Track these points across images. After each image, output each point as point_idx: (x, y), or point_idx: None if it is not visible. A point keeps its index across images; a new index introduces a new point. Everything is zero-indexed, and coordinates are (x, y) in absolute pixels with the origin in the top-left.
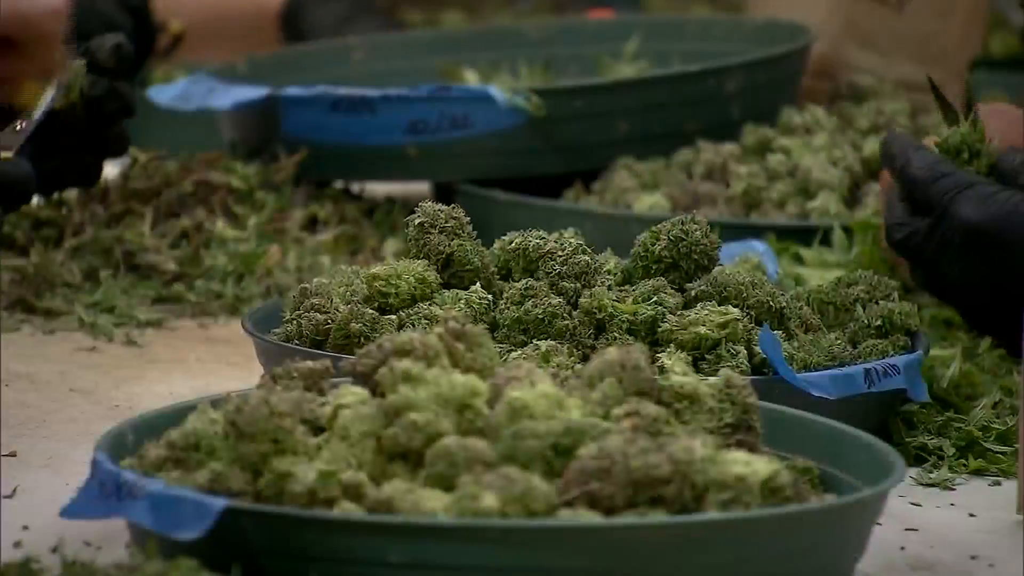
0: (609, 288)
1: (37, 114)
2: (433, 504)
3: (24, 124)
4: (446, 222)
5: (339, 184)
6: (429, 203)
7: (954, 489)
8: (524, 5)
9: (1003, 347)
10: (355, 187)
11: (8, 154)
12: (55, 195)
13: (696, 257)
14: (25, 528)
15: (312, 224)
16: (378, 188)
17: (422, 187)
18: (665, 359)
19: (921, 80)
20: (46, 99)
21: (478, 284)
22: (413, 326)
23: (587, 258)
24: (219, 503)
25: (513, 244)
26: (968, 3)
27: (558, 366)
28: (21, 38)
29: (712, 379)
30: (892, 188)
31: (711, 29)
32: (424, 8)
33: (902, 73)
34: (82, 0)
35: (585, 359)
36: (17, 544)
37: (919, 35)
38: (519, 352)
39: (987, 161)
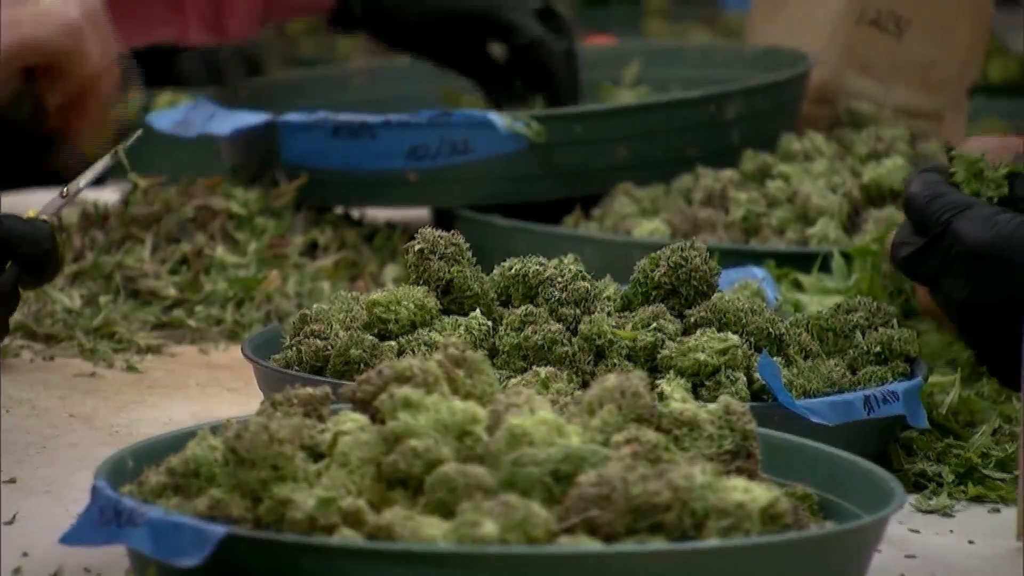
0: (609, 314)
1: (84, 182)
2: (433, 531)
3: (71, 189)
4: (446, 248)
5: (339, 209)
6: (429, 229)
7: (953, 516)
8: None
9: (1000, 378)
10: (355, 212)
11: (47, 217)
12: None
13: (695, 283)
14: (25, 555)
15: (312, 249)
16: (378, 213)
17: (422, 212)
18: (664, 385)
19: (920, 106)
20: (102, 162)
21: (478, 310)
22: (413, 352)
23: (587, 284)
24: (219, 530)
25: (513, 270)
26: (967, 30)
27: (558, 392)
28: (68, 71)
29: (711, 406)
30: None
31: (711, 55)
32: None
33: (901, 99)
34: None
35: (585, 385)
36: (17, 571)
37: (918, 62)
38: (519, 378)
39: (999, 188)
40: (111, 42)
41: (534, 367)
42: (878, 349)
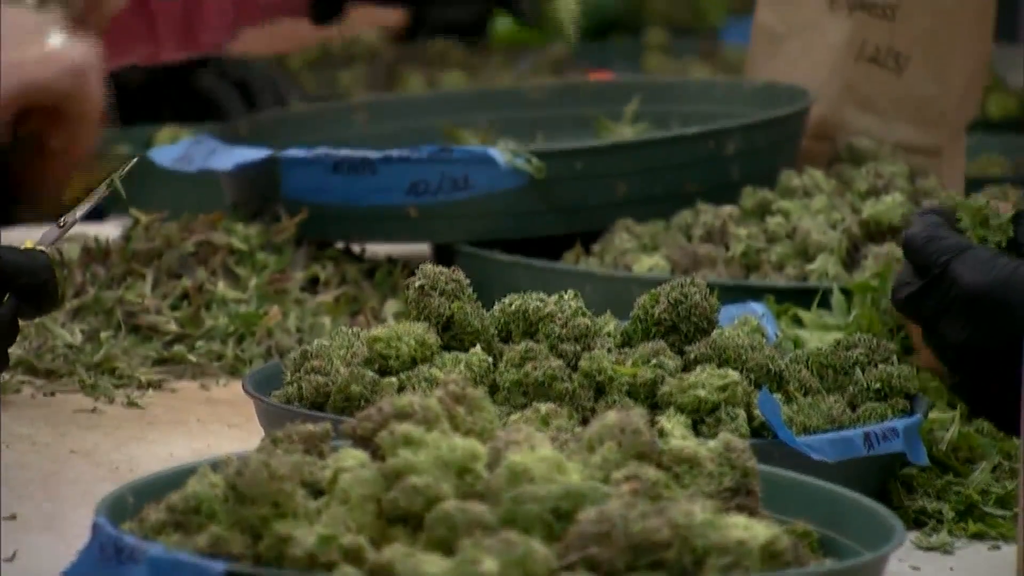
0: (609, 351)
1: (80, 212)
2: (433, 568)
3: (68, 219)
4: (446, 284)
5: (340, 245)
6: (429, 265)
7: (953, 553)
8: (524, 65)
9: (997, 423)
10: (356, 247)
11: (45, 247)
12: None
13: (695, 320)
14: None
15: (313, 284)
16: (379, 248)
17: (423, 248)
18: (665, 422)
19: (919, 142)
20: (95, 195)
21: (478, 346)
22: (413, 388)
23: (587, 320)
24: (219, 567)
25: (513, 306)
26: (967, 67)
27: (558, 429)
28: (70, 113)
29: (712, 442)
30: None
31: (711, 91)
32: (425, 69)
33: (901, 135)
34: None
35: (585, 422)
36: None
37: (918, 98)
38: (519, 415)
39: (1004, 232)
40: (104, 85)
41: (534, 403)
42: (878, 386)
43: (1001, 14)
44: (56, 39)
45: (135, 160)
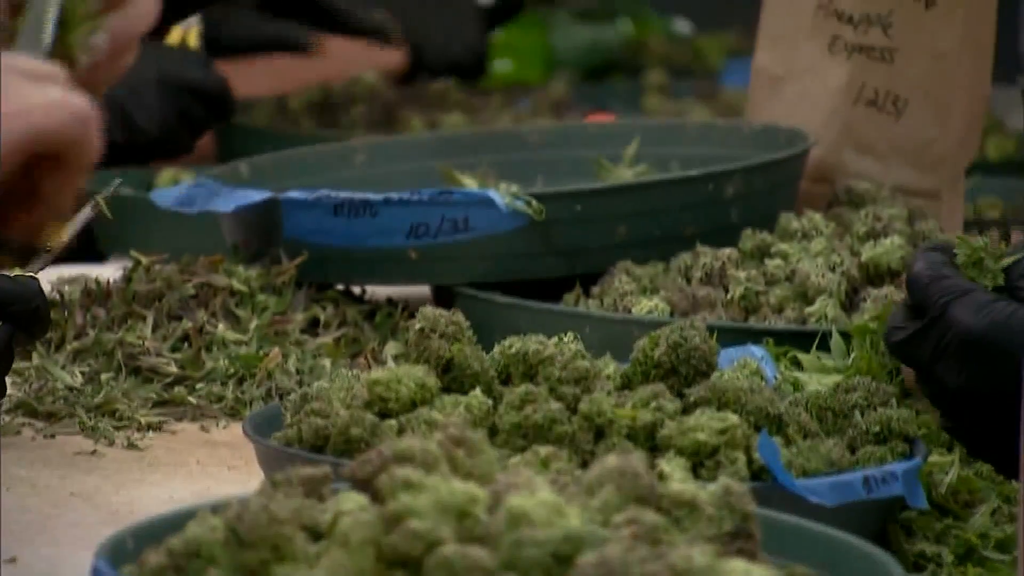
0: (608, 393)
1: (66, 236)
2: None
3: (54, 245)
4: (446, 327)
5: (340, 286)
6: (429, 308)
7: None
8: (524, 107)
9: (996, 466)
10: (356, 289)
11: (34, 274)
12: None
13: (695, 363)
14: None
15: (313, 326)
16: (379, 290)
17: (423, 289)
18: (664, 465)
19: (918, 185)
20: (80, 219)
21: (478, 389)
22: (413, 431)
23: (586, 363)
24: None
25: (513, 349)
26: (966, 110)
27: (557, 472)
28: (70, 160)
29: (711, 486)
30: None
31: (710, 133)
32: (424, 110)
33: (899, 178)
34: None
35: (585, 465)
36: None
37: (916, 141)
38: (519, 458)
39: (995, 279)
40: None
41: (534, 446)
42: (877, 429)
43: (1000, 57)
44: (58, 88)
45: (119, 182)
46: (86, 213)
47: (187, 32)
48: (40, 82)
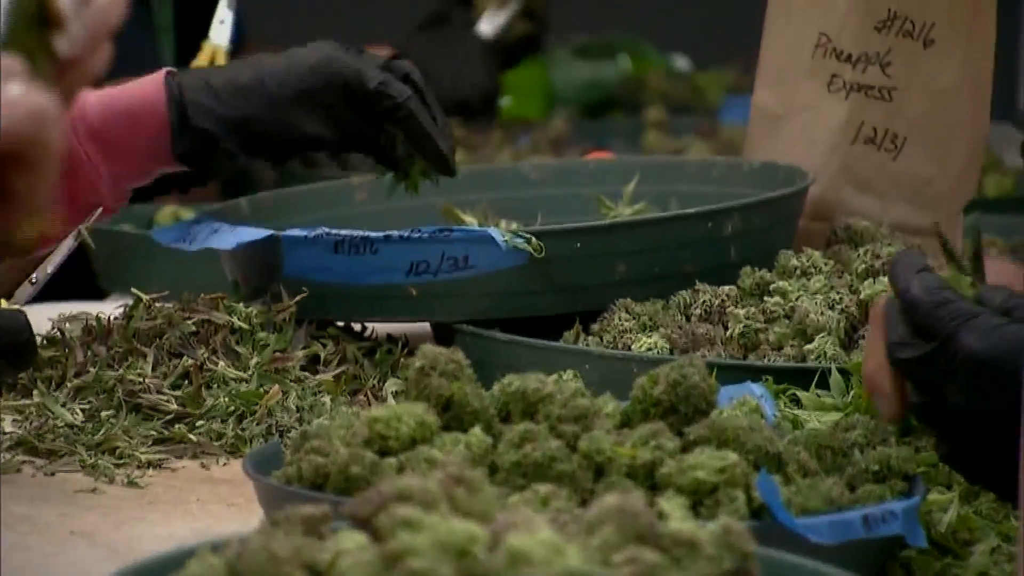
0: (608, 432)
1: (51, 268)
2: None
3: (38, 277)
4: (446, 365)
5: (340, 323)
6: (429, 346)
7: None
8: (524, 143)
9: (999, 493)
10: (356, 326)
11: (20, 306)
12: None
13: (694, 401)
14: None
15: (313, 363)
16: (379, 327)
17: (423, 326)
18: (664, 504)
19: (917, 223)
20: (63, 249)
21: (478, 427)
22: (413, 469)
23: (586, 401)
24: None
25: (512, 387)
26: (964, 148)
27: (557, 511)
28: (32, 158)
29: (711, 525)
30: (891, 307)
31: (709, 171)
32: None
33: (898, 216)
34: None
35: (584, 503)
36: None
37: (915, 179)
38: (518, 496)
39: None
40: (64, 131)
41: (534, 485)
42: (876, 467)
43: (998, 95)
44: (17, 86)
45: (99, 211)
46: (69, 243)
47: (218, 49)
48: None
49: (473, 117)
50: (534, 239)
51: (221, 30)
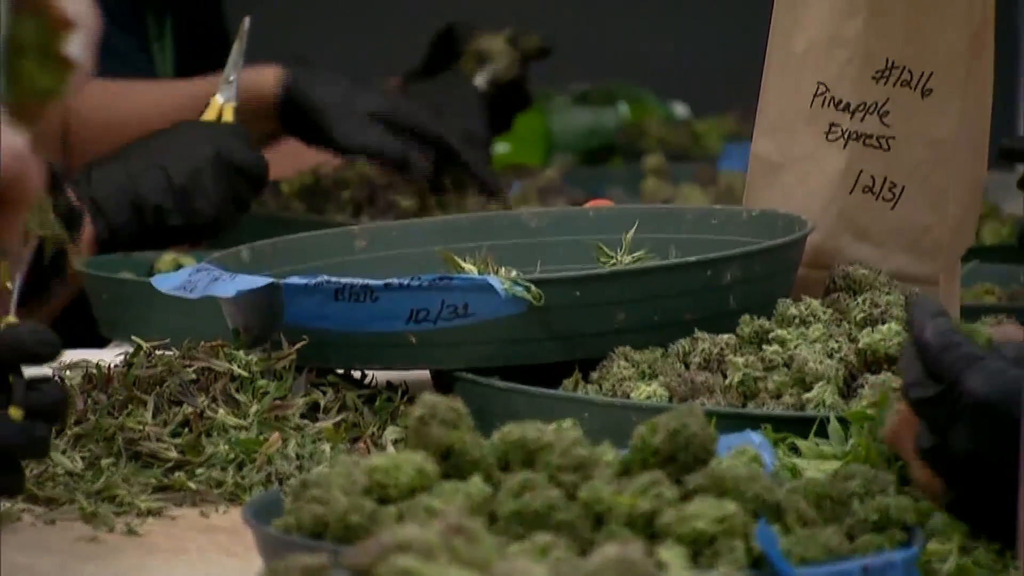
0: (608, 481)
1: (22, 268)
2: None
3: (10, 285)
4: (446, 414)
5: (340, 370)
6: (429, 395)
7: None
8: (516, 190)
9: (1004, 541)
10: (356, 373)
11: (13, 319)
12: None
13: (693, 450)
14: None
15: (313, 411)
16: (379, 374)
17: (423, 373)
18: (664, 553)
19: (915, 272)
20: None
21: (477, 476)
22: (412, 518)
23: (585, 450)
24: None
25: (512, 436)
26: (962, 197)
27: (556, 560)
28: (9, 198)
29: (711, 575)
30: (908, 348)
31: (709, 219)
32: (416, 194)
33: (896, 264)
34: None
35: (584, 553)
36: None
37: (913, 228)
38: (518, 545)
39: None
40: (41, 172)
41: (533, 534)
42: (876, 517)
43: (996, 143)
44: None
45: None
46: (28, 252)
47: (225, 106)
48: None
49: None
50: (533, 287)
51: (227, 88)
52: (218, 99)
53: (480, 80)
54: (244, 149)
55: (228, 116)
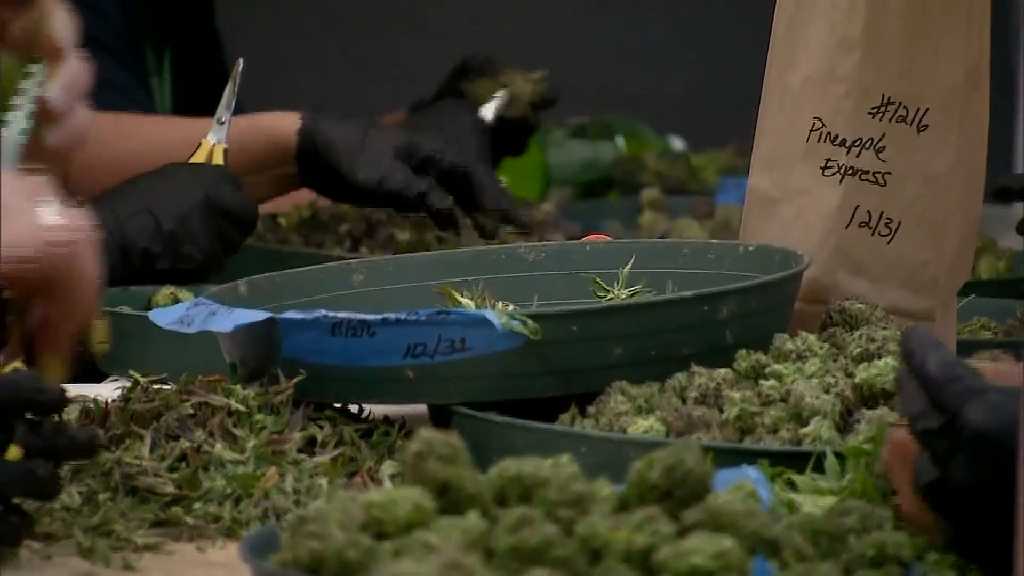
0: (604, 516)
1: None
2: None
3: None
4: (443, 449)
5: (337, 405)
6: (426, 431)
7: None
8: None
9: (991, 573)
10: (353, 407)
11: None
12: None
13: (690, 485)
14: None
15: (310, 445)
16: (376, 408)
17: (420, 407)
18: None
19: (912, 307)
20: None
21: (475, 511)
22: (409, 554)
23: (582, 485)
24: None
25: (509, 471)
26: (958, 232)
27: None
28: (65, 288)
29: None
30: (907, 380)
31: (705, 253)
32: (413, 228)
33: (893, 300)
34: None
35: None
36: None
37: (909, 263)
38: None
39: None
40: (97, 261)
41: (530, 570)
42: (872, 553)
43: (992, 177)
44: (49, 211)
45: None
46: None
47: (215, 148)
48: (28, 203)
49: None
50: (530, 322)
51: (219, 130)
52: (209, 139)
53: (488, 111)
54: (233, 193)
55: (218, 158)
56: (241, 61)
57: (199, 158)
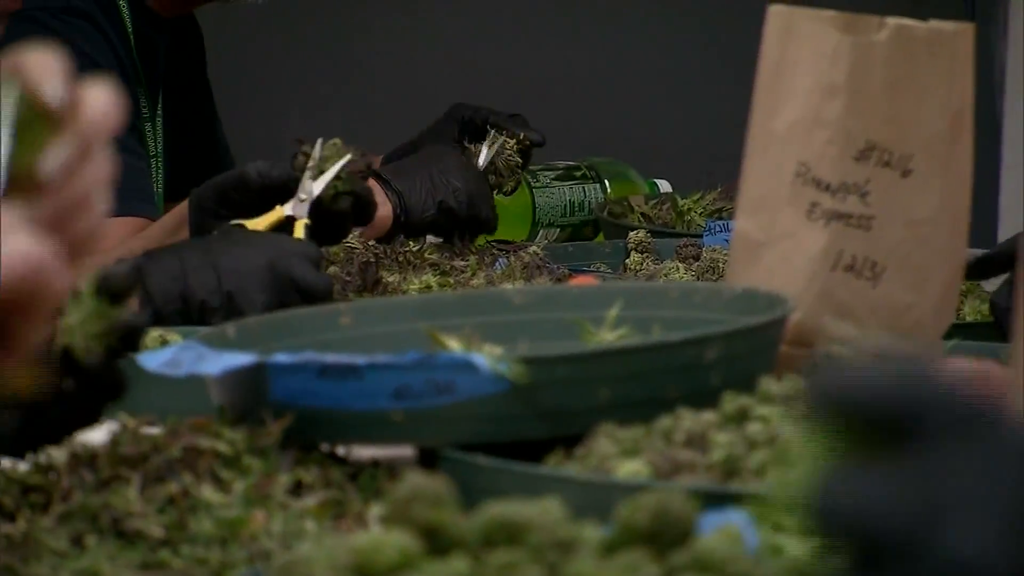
0: (590, 559)
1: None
2: None
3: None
4: (429, 492)
5: (325, 447)
6: (413, 473)
7: None
8: (500, 266)
9: None
10: (341, 450)
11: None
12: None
13: (677, 528)
14: None
15: (298, 488)
16: (364, 451)
17: (408, 450)
18: None
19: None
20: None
21: (461, 554)
22: None
23: (568, 528)
24: None
25: (495, 514)
26: (943, 276)
27: None
28: (31, 308)
29: None
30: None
31: (691, 297)
32: (401, 269)
33: (878, 343)
34: None
35: None
36: None
37: (894, 307)
38: None
39: None
40: (68, 277)
41: None
42: None
43: (976, 223)
44: (19, 237)
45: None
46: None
47: (297, 223)
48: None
49: (443, 234)
50: (517, 365)
51: (300, 207)
52: (284, 211)
53: (482, 158)
54: (304, 267)
55: (299, 233)
56: (320, 142)
57: (263, 224)
